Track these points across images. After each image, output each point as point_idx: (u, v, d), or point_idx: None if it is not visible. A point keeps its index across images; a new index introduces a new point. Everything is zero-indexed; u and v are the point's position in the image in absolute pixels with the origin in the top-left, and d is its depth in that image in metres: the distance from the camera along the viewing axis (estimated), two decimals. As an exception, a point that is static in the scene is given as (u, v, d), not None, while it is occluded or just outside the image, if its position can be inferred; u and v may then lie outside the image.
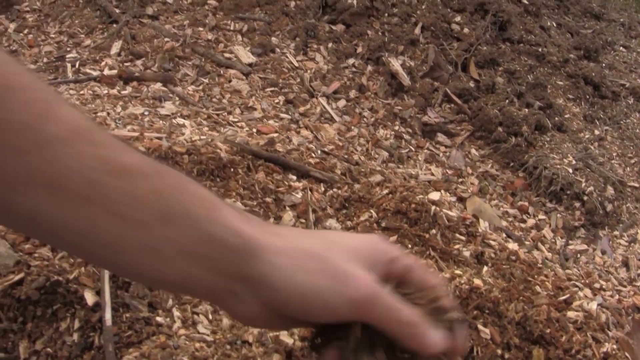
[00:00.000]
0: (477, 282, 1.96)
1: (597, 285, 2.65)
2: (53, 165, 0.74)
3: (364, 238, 0.95)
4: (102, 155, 0.77)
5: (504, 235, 2.66)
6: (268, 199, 2.20)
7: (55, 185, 0.74)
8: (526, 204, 3.06)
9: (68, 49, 3.18)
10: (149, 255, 0.80)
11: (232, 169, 2.23)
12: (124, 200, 0.77)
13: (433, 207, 2.31)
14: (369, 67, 3.49)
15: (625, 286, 2.78)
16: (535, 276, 2.23)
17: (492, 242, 2.39)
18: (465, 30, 3.89)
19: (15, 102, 0.72)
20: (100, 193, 0.76)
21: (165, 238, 0.79)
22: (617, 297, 2.65)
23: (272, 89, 3.13)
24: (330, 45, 3.51)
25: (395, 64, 3.44)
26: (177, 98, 2.90)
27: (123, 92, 2.87)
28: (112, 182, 0.76)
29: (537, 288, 2.15)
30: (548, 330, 1.94)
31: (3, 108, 0.71)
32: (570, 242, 2.97)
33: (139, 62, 3.10)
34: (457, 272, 2.00)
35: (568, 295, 2.20)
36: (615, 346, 2.12)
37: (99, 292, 1.67)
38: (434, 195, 2.46)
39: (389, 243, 0.99)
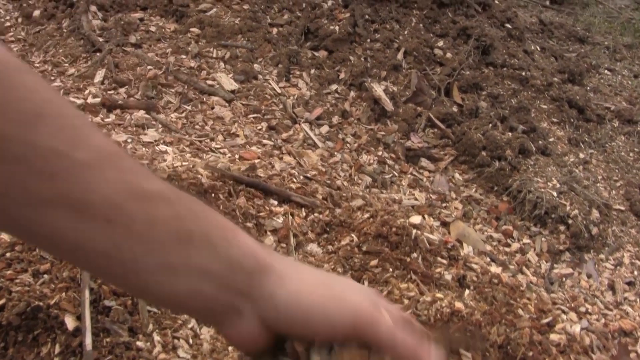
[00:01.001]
0: (459, 305, 1.94)
1: (582, 309, 2.64)
2: (79, 189, 0.75)
3: (369, 289, 0.97)
4: (127, 180, 0.79)
5: (487, 259, 2.65)
6: (249, 224, 2.19)
7: (79, 208, 0.76)
8: (510, 228, 3.05)
9: (52, 77, 3.18)
10: (164, 273, 0.81)
11: (213, 194, 2.23)
12: (145, 223, 0.79)
13: (414, 231, 2.30)
14: (352, 93, 3.49)
15: (611, 310, 2.77)
16: (518, 299, 2.22)
17: (474, 266, 2.38)
18: (448, 55, 3.89)
19: (45, 128, 0.74)
20: (122, 216, 0.78)
21: (181, 257, 0.82)
22: (603, 320, 2.64)
23: (255, 115, 3.12)
24: (312, 71, 3.52)
25: (378, 89, 3.44)
26: (160, 125, 2.89)
27: (106, 119, 2.87)
28: (135, 206, 0.78)
29: (520, 311, 2.14)
30: (531, 353, 1.93)
31: (33, 134, 0.73)
32: (555, 265, 2.96)
33: (122, 90, 3.10)
34: (439, 295, 1.99)
35: (551, 318, 2.19)
36: (598, 368, 2.11)
37: (79, 317, 1.66)
38: (415, 219, 2.45)
39: (387, 302, 1.00)
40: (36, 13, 3.73)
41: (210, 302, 0.86)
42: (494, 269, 2.48)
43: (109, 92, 3.08)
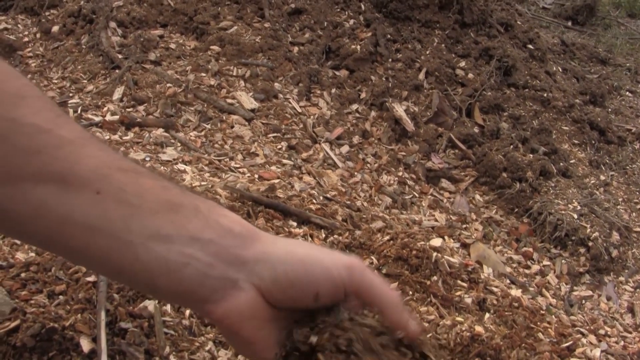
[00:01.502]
0: (479, 329, 1.93)
1: (602, 332, 2.63)
2: (66, 163, 0.77)
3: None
4: (110, 156, 0.80)
5: (507, 281, 2.64)
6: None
7: (67, 181, 0.77)
8: (531, 249, 3.04)
9: (70, 94, 3.18)
10: (155, 241, 0.82)
11: (231, 215, 2.22)
12: (133, 190, 0.80)
13: (434, 254, 2.29)
14: (373, 113, 3.48)
15: (630, 332, 2.75)
16: (538, 323, 2.21)
17: (495, 289, 2.37)
18: (470, 75, 3.89)
19: (27, 108, 0.76)
20: (112, 186, 0.79)
21: (173, 224, 0.82)
22: (622, 343, 2.62)
23: (275, 134, 3.12)
24: (333, 90, 3.51)
25: (399, 109, 3.44)
26: (178, 144, 2.89)
27: (125, 137, 2.87)
28: (123, 176, 0.80)
29: (540, 335, 2.12)
30: (551, 378, 1.92)
31: (16, 112, 0.75)
32: (575, 288, 2.95)
33: (141, 108, 3.10)
34: (459, 319, 1.98)
35: (571, 342, 2.18)
36: (619, 394, 2.10)
37: (95, 339, 1.66)
38: (436, 242, 2.45)
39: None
40: (55, 29, 3.74)
41: (203, 273, 0.86)
42: (514, 292, 2.46)
43: (127, 109, 3.08)
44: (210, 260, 0.85)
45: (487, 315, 2.14)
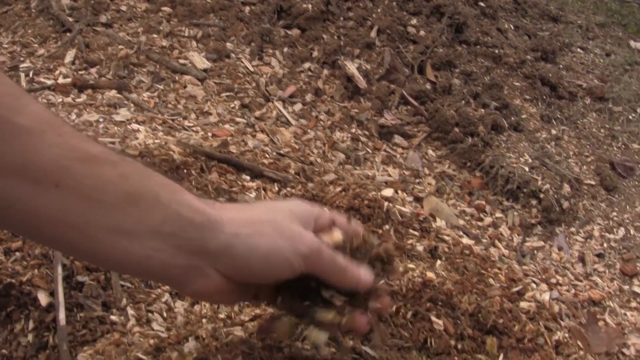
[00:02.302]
0: (430, 275, 1.97)
1: (553, 281, 2.67)
2: (23, 154, 0.77)
3: (293, 202, 1.07)
4: (71, 144, 0.81)
5: (460, 232, 2.67)
6: (222, 199, 2.20)
7: (25, 173, 0.77)
8: (483, 202, 3.08)
9: (21, 58, 3.16)
10: (117, 235, 0.84)
11: (185, 170, 2.23)
12: (93, 184, 0.81)
13: (386, 204, 2.32)
14: (325, 71, 3.49)
15: (581, 281, 2.80)
16: (489, 269, 2.24)
17: (446, 237, 2.40)
18: (421, 33, 3.90)
19: None
20: (70, 178, 0.80)
21: (134, 218, 0.84)
22: (573, 291, 2.67)
23: (228, 94, 3.12)
24: (285, 49, 3.52)
25: (351, 67, 3.45)
26: (132, 104, 2.89)
27: (77, 99, 2.86)
28: (82, 168, 0.80)
29: (491, 280, 2.16)
30: (501, 321, 1.95)
31: None
32: (527, 239, 2.99)
33: (93, 70, 3.09)
34: (411, 265, 2.01)
35: (521, 287, 2.22)
36: (567, 335, 2.14)
37: (52, 294, 1.67)
38: (387, 192, 2.47)
39: (310, 203, 1.11)
40: (3, -7, 3.71)
41: (167, 263, 0.89)
42: (466, 240, 2.50)
43: (79, 72, 3.06)
44: (173, 252, 0.87)
45: (439, 262, 2.17)
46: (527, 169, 3.22)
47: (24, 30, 3.39)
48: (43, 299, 1.66)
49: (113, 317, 1.68)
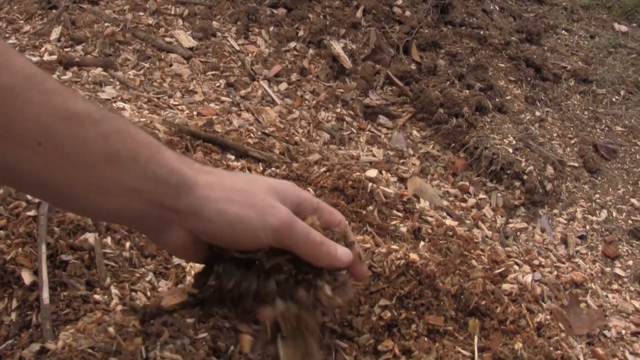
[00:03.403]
0: (414, 256, 1.96)
1: (536, 262, 2.69)
2: (6, 113, 0.77)
3: (279, 180, 1.07)
4: (53, 102, 0.81)
5: (444, 213, 2.68)
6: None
7: (10, 132, 0.78)
8: (467, 183, 3.09)
9: (7, 35, 3.14)
10: (96, 193, 0.85)
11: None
12: (74, 143, 0.82)
13: (370, 184, 2.32)
14: (311, 51, 3.49)
15: (563, 262, 2.82)
16: (472, 250, 2.25)
17: (430, 219, 2.41)
18: (407, 13, 3.90)
19: None
20: (52, 138, 0.81)
21: (112, 178, 0.86)
22: (555, 273, 2.68)
23: (213, 72, 3.12)
24: (271, 29, 3.52)
25: (337, 47, 3.45)
26: (117, 82, 2.88)
27: (63, 77, 2.85)
28: (64, 127, 0.81)
29: (474, 262, 2.17)
30: (483, 302, 1.96)
31: None
32: (510, 220, 3.01)
33: (79, 48, 3.08)
34: (394, 247, 2.01)
35: (504, 269, 2.22)
36: (549, 317, 2.15)
37: (36, 272, 1.66)
38: (371, 173, 2.47)
39: (301, 189, 1.11)
40: (-11, -31, 3.69)
41: (141, 216, 0.91)
42: (449, 221, 2.51)
43: (65, 49, 3.05)
44: (146, 207, 0.89)
45: (422, 243, 2.18)
46: (511, 150, 3.23)
47: (9, 6, 3.38)
48: (27, 277, 1.66)
49: (96, 296, 1.68)
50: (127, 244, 1.86)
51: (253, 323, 1.24)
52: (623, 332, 2.53)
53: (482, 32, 4.10)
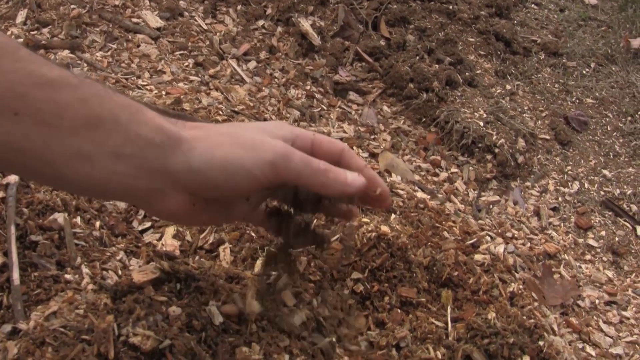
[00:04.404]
0: (385, 229, 1.97)
1: (509, 235, 2.70)
2: None
3: (271, 122, 1.06)
4: (28, 69, 0.80)
5: (416, 187, 2.68)
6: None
7: None
8: (439, 158, 3.09)
9: (-29, 19, 3.12)
10: (78, 160, 0.83)
11: (138, 128, 2.22)
12: (51, 110, 0.81)
13: (340, 159, 2.32)
14: (279, 28, 3.48)
15: (536, 234, 2.83)
16: (443, 222, 2.25)
17: (401, 192, 2.41)
18: (375, -12, 3.90)
19: None
20: (28, 105, 0.79)
21: (93, 142, 0.83)
22: (529, 245, 2.70)
23: (182, 52, 3.10)
24: (239, 7, 3.50)
25: (305, 24, 3.44)
26: (85, 64, 2.86)
27: (30, 60, 2.83)
28: (40, 94, 0.80)
29: (445, 234, 2.17)
30: (456, 273, 1.96)
31: None
32: (482, 194, 3.01)
33: (45, 30, 3.05)
34: (365, 220, 2.01)
35: (475, 240, 2.23)
36: (522, 286, 2.16)
37: (6, 253, 1.65)
38: (341, 147, 2.47)
39: (294, 126, 1.08)
40: (-48, -47, 3.65)
41: (129, 185, 0.89)
42: (421, 194, 2.51)
43: (31, 32, 3.02)
44: (133, 173, 0.87)
45: (393, 216, 2.18)
46: (482, 123, 3.23)
47: (-28, -9, 3.35)
48: (-4, 259, 1.65)
49: (67, 276, 1.67)
50: (97, 223, 1.86)
51: None
52: (597, 301, 2.54)
53: (451, 7, 4.10)
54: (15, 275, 1.62)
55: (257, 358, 1.31)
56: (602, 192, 3.30)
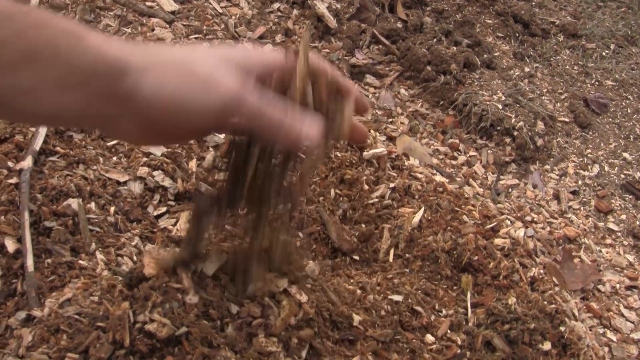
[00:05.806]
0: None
1: (528, 218, 2.67)
2: None
3: (237, 46, 0.99)
4: None
5: (434, 171, 2.66)
6: (191, 141, 2.17)
7: None
8: (457, 141, 3.06)
9: (-15, 2, 3.10)
10: (23, 96, 0.81)
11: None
12: None
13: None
14: (295, 11, 3.45)
15: (556, 218, 2.80)
16: (462, 206, 2.23)
17: (419, 175, 2.38)
18: (392, -29, 3.87)
19: None
20: None
21: (35, 76, 0.81)
22: (548, 229, 2.67)
23: (196, 36, 3.08)
24: (254, -11, 3.48)
25: (321, 6, 3.41)
26: (99, 48, 2.84)
27: (44, 44, 2.81)
28: None
29: (464, 218, 2.15)
30: (476, 258, 1.94)
31: None
32: (501, 177, 2.98)
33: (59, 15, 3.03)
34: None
35: (495, 224, 2.20)
36: (542, 271, 2.14)
37: (20, 240, 1.64)
38: (360, 131, 2.45)
39: (270, 50, 1.03)
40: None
41: (80, 114, 0.85)
42: (439, 178, 2.49)
43: (46, 16, 3.01)
44: (82, 102, 0.84)
45: (412, 200, 2.16)
46: (500, 106, 3.20)
47: (-14, -26, 3.33)
48: (10, 245, 1.64)
49: (82, 262, 1.66)
50: (112, 209, 1.84)
51: None
52: (617, 286, 2.51)
53: (468, -12, 4.06)
54: (30, 262, 1.61)
55: (275, 350, 1.29)
56: (622, 175, 3.26)
